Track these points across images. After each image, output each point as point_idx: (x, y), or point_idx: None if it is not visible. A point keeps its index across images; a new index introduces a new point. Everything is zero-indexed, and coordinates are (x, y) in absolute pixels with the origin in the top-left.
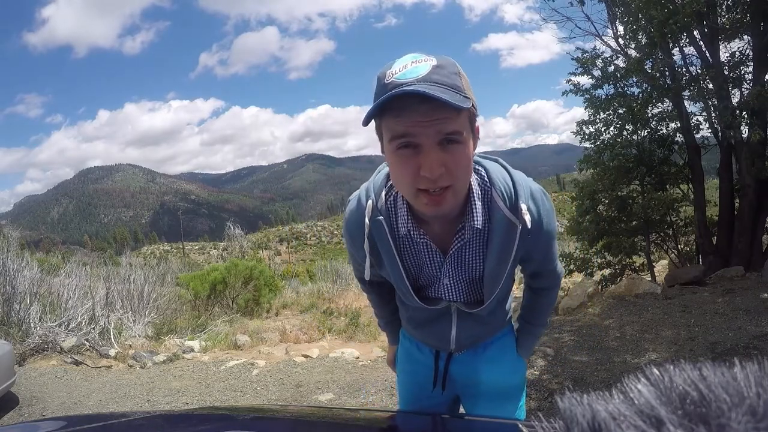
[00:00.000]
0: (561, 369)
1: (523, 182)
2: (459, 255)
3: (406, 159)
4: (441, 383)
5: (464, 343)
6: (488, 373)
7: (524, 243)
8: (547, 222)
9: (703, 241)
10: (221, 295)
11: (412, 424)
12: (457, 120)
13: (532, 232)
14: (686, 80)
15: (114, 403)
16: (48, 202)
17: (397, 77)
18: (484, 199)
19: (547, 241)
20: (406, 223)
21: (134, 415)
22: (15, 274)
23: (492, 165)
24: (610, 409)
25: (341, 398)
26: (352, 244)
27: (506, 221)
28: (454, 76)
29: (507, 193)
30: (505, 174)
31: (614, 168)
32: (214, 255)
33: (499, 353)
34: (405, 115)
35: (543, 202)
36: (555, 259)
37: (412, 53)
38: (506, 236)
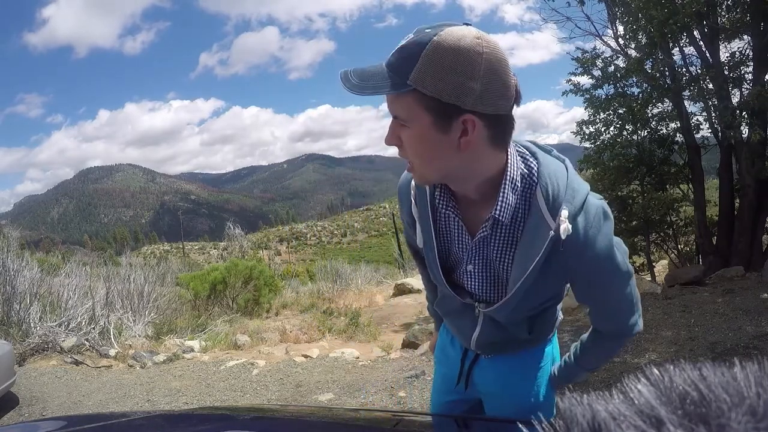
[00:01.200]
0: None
1: (580, 189)
2: (484, 244)
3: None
4: (464, 381)
5: (486, 346)
6: (508, 387)
7: (555, 257)
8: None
9: (703, 241)
10: (221, 295)
11: (412, 425)
12: (397, 103)
13: (567, 248)
14: (686, 80)
15: (114, 403)
16: (48, 202)
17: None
18: (525, 193)
19: (595, 270)
20: (442, 199)
21: (134, 415)
22: (15, 274)
23: (551, 161)
24: (610, 409)
25: (341, 398)
26: (402, 207)
27: (540, 221)
28: (408, 59)
29: (553, 192)
30: (563, 174)
31: (614, 168)
32: (214, 255)
33: (524, 370)
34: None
35: (598, 222)
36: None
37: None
38: (534, 238)
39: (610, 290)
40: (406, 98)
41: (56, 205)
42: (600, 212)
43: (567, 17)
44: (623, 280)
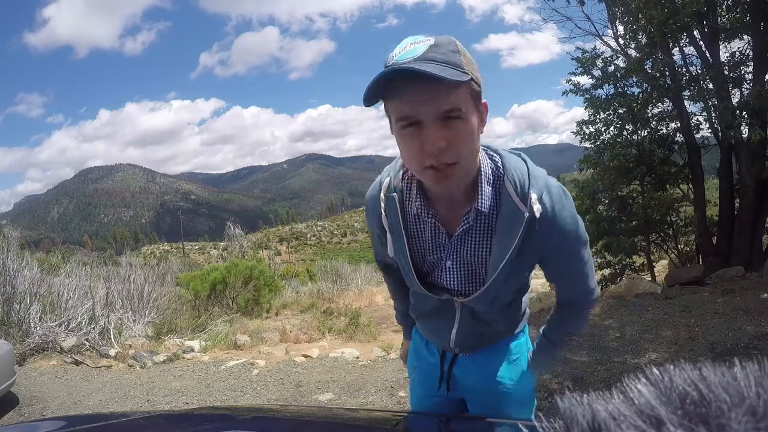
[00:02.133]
0: (561, 369)
1: (540, 175)
2: (464, 238)
3: (410, 137)
4: (446, 384)
5: (465, 342)
6: (490, 379)
7: (531, 237)
8: (563, 221)
9: (703, 241)
10: (221, 295)
11: (412, 425)
12: (455, 96)
13: (541, 226)
14: (686, 80)
15: (114, 403)
16: (48, 201)
17: (397, 59)
18: (495, 185)
19: (564, 242)
20: (415, 202)
21: (134, 415)
22: (15, 274)
23: (510, 155)
24: (610, 409)
25: (341, 398)
26: (370, 219)
27: (513, 208)
28: (451, 54)
29: (520, 181)
30: (522, 164)
31: (614, 168)
32: (214, 255)
33: (503, 360)
34: (404, 96)
35: (561, 199)
36: (581, 271)
37: (413, 36)
38: (510, 224)
39: (576, 257)
40: (462, 89)
41: (56, 205)
42: (560, 191)
43: (567, 17)
44: (585, 247)
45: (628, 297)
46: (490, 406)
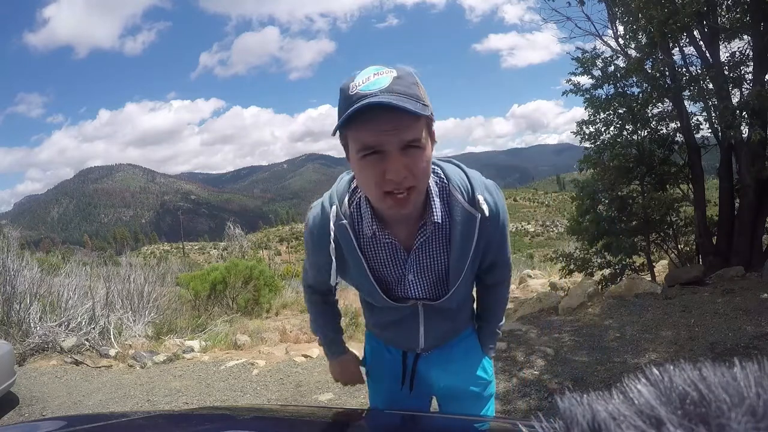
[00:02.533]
0: (561, 369)
1: (477, 177)
2: (422, 250)
3: (372, 165)
4: (409, 383)
5: (433, 341)
6: (457, 372)
7: (484, 233)
8: (503, 211)
9: (703, 241)
10: (221, 295)
11: (412, 424)
12: (416, 127)
13: (491, 221)
14: (686, 80)
15: (114, 403)
16: (48, 201)
17: (362, 89)
18: (442, 195)
19: (503, 229)
20: (371, 225)
21: (134, 415)
22: (15, 274)
23: (447, 165)
24: (610, 409)
25: (341, 398)
26: (317, 249)
27: (466, 213)
28: (413, 86)
29: (464, 187)
30: (461, 171)
31: (614, 168)
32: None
33: (465, 352)
34: (371, 126)
35: (497, 194)
36: (509, 250)
37: (374, 66)
38: (467, 228)
39: (506, 241)
40: (422, 121)
41: (56, 205)
42: (494, 186)
43: (567, 17)
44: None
45: (628, 297)
46: (457, 397)
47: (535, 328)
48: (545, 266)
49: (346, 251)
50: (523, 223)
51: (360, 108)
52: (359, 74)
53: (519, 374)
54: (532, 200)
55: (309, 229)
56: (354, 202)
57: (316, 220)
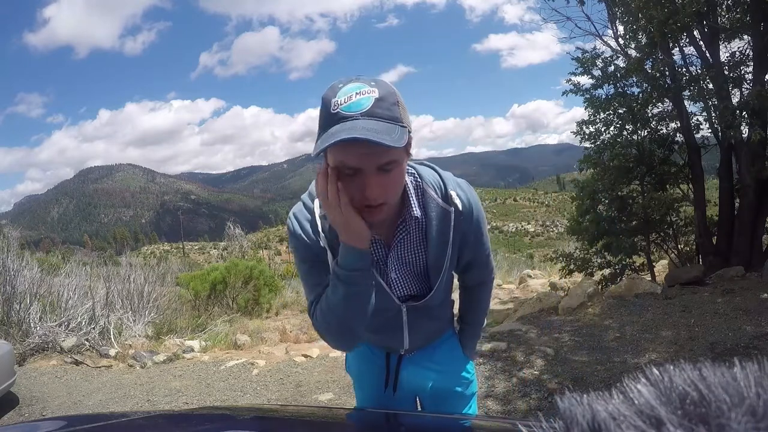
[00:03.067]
0: (561, 369)
1: (449, 176)
2: (402, 246)
3: (349, 181)
4: (392, 384)
5: (417, 342)
6: (440, 372)
7: (459, 227)
8: (476, 206)
9: (703, 241)
10: (221, 295)
11: (412, 424)
12: (393, 151)
13: (464, 215)
14: (686, 80)
15: (114, 403)
16: (48, 201)
17: (343, 108)
18: (417, 194)
19: (478, 225)
20: None
21: (134, 415)
22: (15, 274)
23: (421, 167)
24: (610, 409)
25: (341, 398)
26: (307, 246)
27: (440, 209)
28: (393, 107)
29: (437, 185)
30: (433, 172)
31: (614, 168)
32: (214, 255)
33: (448, 353)
34: (350, 151)
35: (470, 190)
36: (488, 248)
37: (356, 81)
38: (442, 223)
39: (483, 238)
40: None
41: (56, 205)
42: (466, 184)
43: (567, 17)
44: (485, 225)
45: (628, 297)
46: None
47: (535, 328)
48: (545, 266)
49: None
50: (523, 223)
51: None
52: (341, 90)
53: (519, 374)
54: (532, 200)
55: (294, 226)
56: None
57: (300, 215)
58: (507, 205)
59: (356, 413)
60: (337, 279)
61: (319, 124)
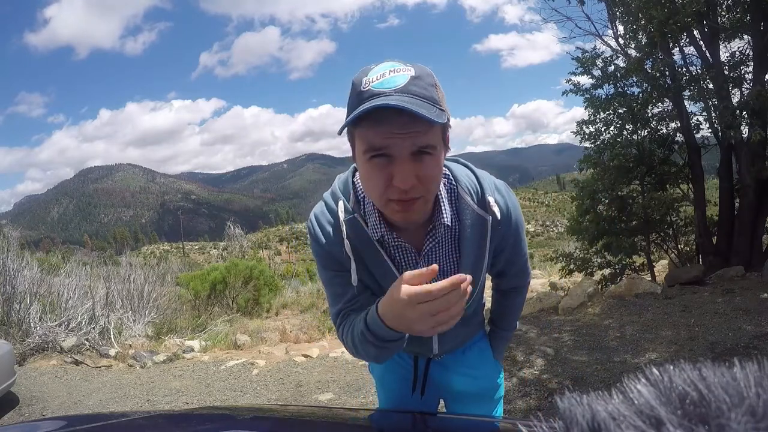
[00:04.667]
0: (561, 369)
1: (487, 178)
2: (432, 254)
3: (379, 168)
4: (420, 388)
5: (446, 346)
6: (469, 376)
7: (496, 236)
8: (515, 213)
9: (703, 241)
10: (221, 295)
11: (412, 424)
12: (431, 133)
13: (502, 224)
14: (686, 80)
15: (114, 403)
16: (48, 201)
17: (375, 86)
18: (451, 198)
19: (517, 232)
20: (379, 228)
21: (134, 415)
22: (15, 274)
23: (455, 165)
24: (610, 409)
25: (341, 398)
26: (329, 253)
27: (476, 216)
28: (431, 88)
29: (473, 188)
30: (469, 172)
31: (614, 168)
32: (214, 255)
33: (478, 356)
34: (381, 127)
35: (509, 194)
36: (525, 254)
37: (390, 61)
38: (478, 231)
39: (522, 242)
40: (437, 127)
41: (56, 204)
42: (505, 187)
43: (567, 17)
44: (524, 231)
45: (628, 297)
46: (468, 400)
47: (535, 328)
48: (545, 266)
49: (363, 248)
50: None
51: (369, 109)
52: (374, 69)
53: (519, 374)
54: (532, 200)
55: (315, 230)
56: (362, 202)
57: (322, 217)
58: None
59: (356, 413)
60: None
61: (348, 106)
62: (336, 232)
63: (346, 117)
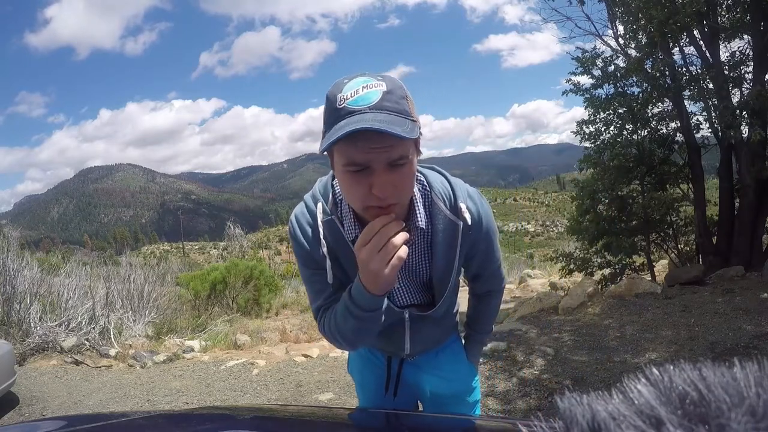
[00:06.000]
0: (561, 369)
1: (460, 185)
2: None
3: (358, 180)
4: (393, 389)
5: (418, 347)
6: (442, 378)
7: (466, 241)
8: (487, 220)
9: (703, 240)
10: (221, 295)
11: (412, 424)
12: (405, 145)
13: (473, 229)
14: (686, 80)
15: (114, 403)
16: (48, 201)
17: (349, 103)
18: (425, 203)
19: (488, 238)
20: (353, 230)
21: (134, 415)
22: (15, 274)
23: (430, 172)
24: (610, 409)
25: (341, 398)
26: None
27: (448, 221)
28: (402, 101)
29: (446, 195)
30: (443, 179)
31: (614, 168)
32: (214, 255)
33: (451, 358)
34: (358, 144)
35: (481, 202)
36: (497, 259)
37: (362, 76)
38: (449, 235)
39: (494, 248)
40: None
41: (56, 204)
42: (477, 194)
43: (567, 17)
44: (496, 238)
45: (628, 297)
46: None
47: (535, 328)
48: (545, 266)
49: (338, 249)
50: (523, 223)
51: (350, 132)
52: (347, 85)
53: (519, 374)
54: (532, 200)
55: (295, 230)
56: (338, 205)
57: (302, 217)
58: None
59: (357, 413)
60: (347, 312)
61: (324, 121)
62: (314, 233)
63: (324, 131)
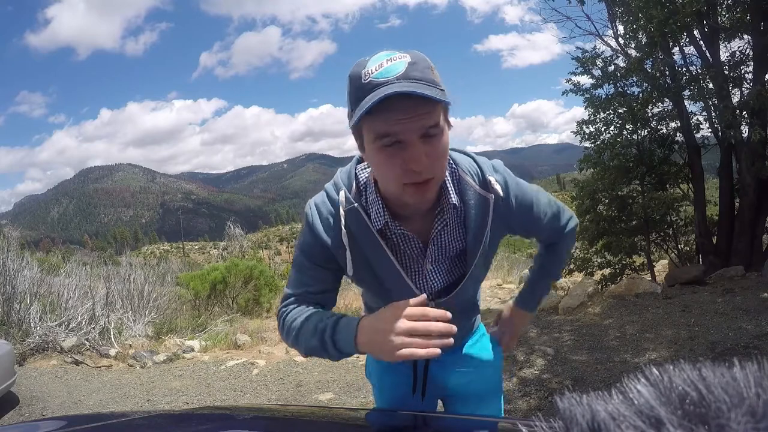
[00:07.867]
0: (561, 368)
1: (484, 160)
2: (440, 237)
3: (392, 155)
4: (421, 390)
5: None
6: (469, 374)
7: (500, 214)
8: (514, 186)
9: (703, 240)
10: (221, 295)
11: (413, 424)
12: (435, 113)
13: (504, 200)
14: (686, 80)
15: (114, 402)
16: (48, 201)
17: (375, 76)
18: (454, 180)
19: (524, 200)
20: (382, 217)
21: (134, 415)
22: (15, 274)
23: (453, 152)
24: (610, 409)
25: (341, 398)
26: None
27: (478, 196)
28: (427, 71)
29: (474, 170)
30: (467, 157)
31: (614, 167)
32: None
33: (479, 353)
34: (389, 115)
35: (507, 172)
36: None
37: (384, 51)
38: (481, 211)
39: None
40: (439, 107)
41: (56, 204)
42: (502, 165)
43: (567, 17)
44: (539, 194)
45: (628, 297)
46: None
47: (535, 328)
48: None
49: (362, 240)
50: None
51: (382, 98)
52: (370, 60)
53: (519, 374)
54: None
55: (310, 221)
56: (364, 193)
57: (321, 208)
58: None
59: (356, 413)
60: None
61: (350, 100)
62: (335, 222)
63: (350, 111)
